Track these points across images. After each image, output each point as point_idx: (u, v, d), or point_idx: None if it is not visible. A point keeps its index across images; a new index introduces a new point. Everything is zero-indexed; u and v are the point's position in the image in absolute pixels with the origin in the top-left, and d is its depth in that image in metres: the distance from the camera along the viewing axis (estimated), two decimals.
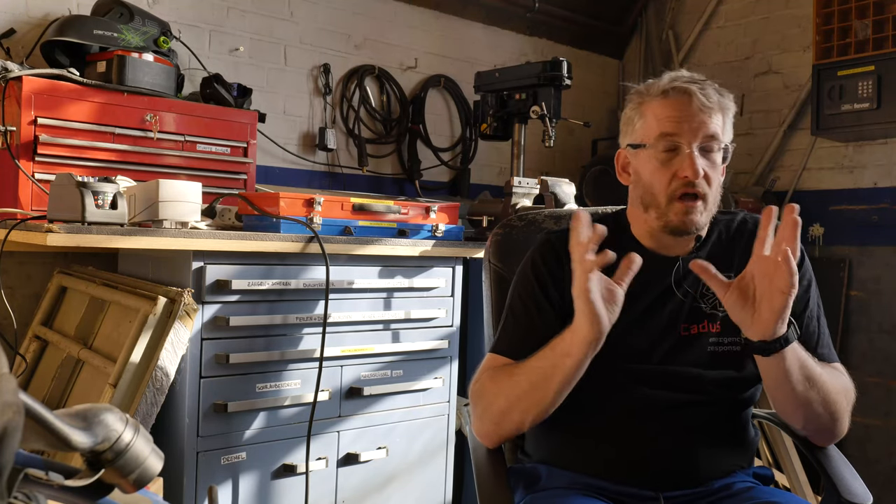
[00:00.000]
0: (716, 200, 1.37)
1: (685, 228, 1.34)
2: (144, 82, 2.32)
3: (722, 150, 1.36)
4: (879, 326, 3.25)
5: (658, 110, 1.35)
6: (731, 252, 1.43)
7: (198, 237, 1.88)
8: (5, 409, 0.53)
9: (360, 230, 2.18)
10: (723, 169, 1.40)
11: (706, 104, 1.32)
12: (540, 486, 1.39)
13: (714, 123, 1.33)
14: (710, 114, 1.33)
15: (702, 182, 1.32)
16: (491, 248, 1.64)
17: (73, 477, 0.65)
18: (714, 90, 1.35)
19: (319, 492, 2.11)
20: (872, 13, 3.03)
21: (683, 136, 1.32)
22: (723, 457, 1.39)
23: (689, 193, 1.33)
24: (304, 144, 3.07)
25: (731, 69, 3.78)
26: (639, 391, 1.36)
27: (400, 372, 2.28)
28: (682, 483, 1.35)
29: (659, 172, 1.34)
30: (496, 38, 3.67)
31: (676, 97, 1.33)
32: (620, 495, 1.35)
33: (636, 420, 1.36)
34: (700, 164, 1.31)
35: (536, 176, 2.65)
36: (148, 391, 1.81)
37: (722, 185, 1.40)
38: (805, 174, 3.50)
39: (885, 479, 3.15)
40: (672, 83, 1.35)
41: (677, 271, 1.40)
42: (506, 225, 1.66)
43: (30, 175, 2.11)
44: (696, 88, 1.33)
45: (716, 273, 1.24)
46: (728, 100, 1.37)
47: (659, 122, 1.34)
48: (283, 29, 3.00)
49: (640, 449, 1.35)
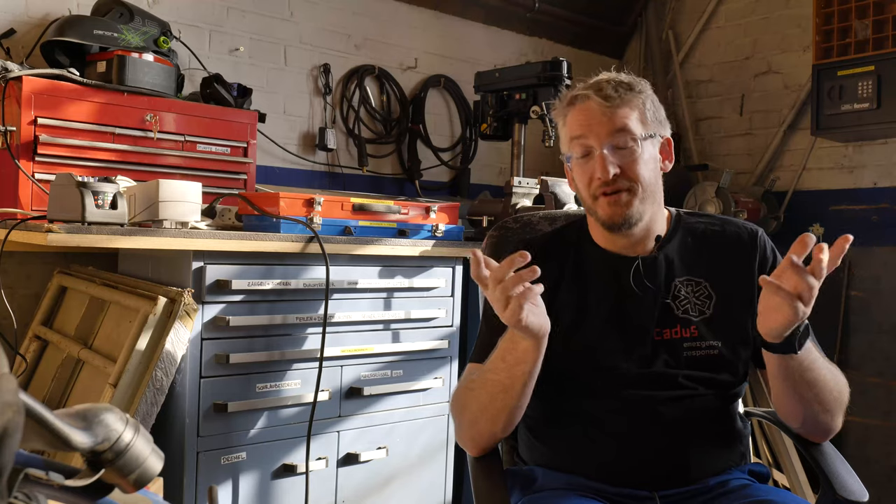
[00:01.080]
0: (651, 189, 1.38)
1: (615, 221, 1.36)
2: (144, 82, 2.32)
3: (642, 139, 1.36)
4: (879, 327, 3.25)
5: (569, 119, 1.40)
6: (697, 256, 1.44)
7: (198, 237, 1.88)
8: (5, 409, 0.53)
9: (360, 230, 2.18)
10: (663, 154, 1.42)
11: (606, 103, 1.35)
12: (536, 487, 1.40)
13: (619, 118, 1.35)
14: (614, 110, 1.35)
15: (620, 179, 1.34)
16: (486, 250, 1.64)
17: (73, 477, 0.65)
18: (614, 86, 1.36)
19: (319, 492, 2.11)
20: (872, 13, 3.03)
21: (591, 139, 1.36)
22: (713, 453, 1.39)
23: (608, 192, 1.35)
24: (304, 144, 3.07)
25: (731, 69, 3.78)
26: (622, 392, 1.37)
27: (400, 372, 2.28)
28: (675, 481, 1.35)
29: (582, 177, 1.39)
30: (496, 38, 3.67)
31: (581, 103, 1.38)
32: (617, 496, 1.35)
33: (623, 420, 1.36)
34: (612, 162, 1.34)
35: (536, 176, 2.65)
36: (148, 391, 1.81)
37: (663, 171, 1.42)
38: (805, 174, 3.49)
39: (884, 479, 3.15)
40: (575, 91, 1.40)
41: (636, 270, 1.41)
42: (501, 227, 1.66)
43: (30, 175, 2.11)
44: (592, 92, 1.37)
45: None
46: (635, 92, 1.38)
47: (570, 130, 1.40)
48: (283, 29, 3.00)
49: (630, 448, 1.36)
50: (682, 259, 1.44)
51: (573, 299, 1.42)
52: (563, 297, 1.42)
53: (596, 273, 1.44)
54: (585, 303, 1.42)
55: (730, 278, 1.43)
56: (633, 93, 1.38)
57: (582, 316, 1.41)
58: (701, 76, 3.89)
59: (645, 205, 1.37)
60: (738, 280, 1.43)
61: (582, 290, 1.43)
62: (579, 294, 1.43)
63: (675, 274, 1.42)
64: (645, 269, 1.40)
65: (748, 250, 1.44)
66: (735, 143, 3.73)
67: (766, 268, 1.43)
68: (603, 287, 1.42)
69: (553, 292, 1.39)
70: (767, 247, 1.46)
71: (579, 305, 1.42)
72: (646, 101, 1.39)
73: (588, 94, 1.37)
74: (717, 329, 1.39)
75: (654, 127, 1.39)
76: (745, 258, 1.44)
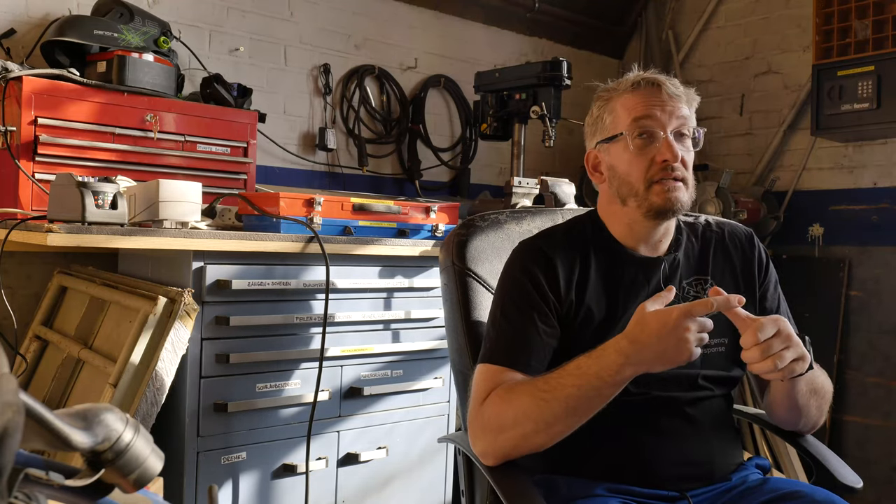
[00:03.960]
0: (693, 185, 1.38)
1: (669, 206, 1.33)
2: (144, 82, 2.32)
3: (693, 135, 1.38)
4: (879, 327, 3.25)
5: (629, 102, 1.37)
6: (704, 257, 1.46)
7: (198, 237, 1.88)
8: (5, 409, 0.53)
9: (360, 230, 2.18)
10: None
11: (675, 92, 1.36)
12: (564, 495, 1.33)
13: (683, 109, 1.37)
14: (680, 102, 1.37)
15: (680, 165, 1.34)
16: (454, 249, 1.57)
17: (73, 477, 0.65)
18: (676, 83, 1.39)
19: (319, 492, 2.11)
20: (872, 13, 3.03)
21: (657, 121, 1.34)
22: (729, 450, 1.43)
23: (668, 178, 1.34)
24: (304, 144, 3.07)
25: (731, 69, 3.78)
26: (651, 393, 1.36)
27: (400, 372, 2.28)
28: (704, 480, 1.36)
29: (636, 160, 1.35)
30: (496, 38, 3.67)
31: (646, 87, 1.37)
32: (649, 498, 1.33)
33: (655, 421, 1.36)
34: (677, 148, 1.34)
35: (536, 176, 2.65)
36: (148, 391, 1.81)
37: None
38: (805, 174, 3.49)
39: (884, 479, 3.15)
40: (640, 77, 1.39)
41: (664, 271, 1.41)
42: (468, 225, 1.60)
43: (30, 175, 2.11)
44: (664, 78, 1.38)
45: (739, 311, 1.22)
46: (693, 94, 1.41)
47: (631, 111, 1.36)
48: (283, 29, 3.00)
49: (661, 450, 1.35)
50: (689, 260, 1.45)
51: (603, 300, 1.39)
52: (592, 298, 1.38)
53: (624, 273, 1.41)
54: (615, 303, 1.39)
55: (733, 274, 1.46)
56: (692, 94, 1.40)
57: (613, 317, 1.38)
58: (701, 76, 3.88)
59: (689, 197, 1.37)
60: (740, 275, 1.46)
61: (611, 290, 1.39)
62: (608, 294, 1.39)
63: (685, 275, 1.43)
64: (670, 271, 1.42)
65: (748, 248, 1.49)
66: (735, 143, 3.73)
67: (763, 267, 1.48)
68: (633, 287, 1.40)
69: (581, 293, 1.37)
70: (761, 247, 1.51)
71: (609, 306, 1.39)
72: (695, 105, 1.41)
73: (658, 79, 1.37)
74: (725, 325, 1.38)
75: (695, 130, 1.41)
76: (746, 255, 1.48)
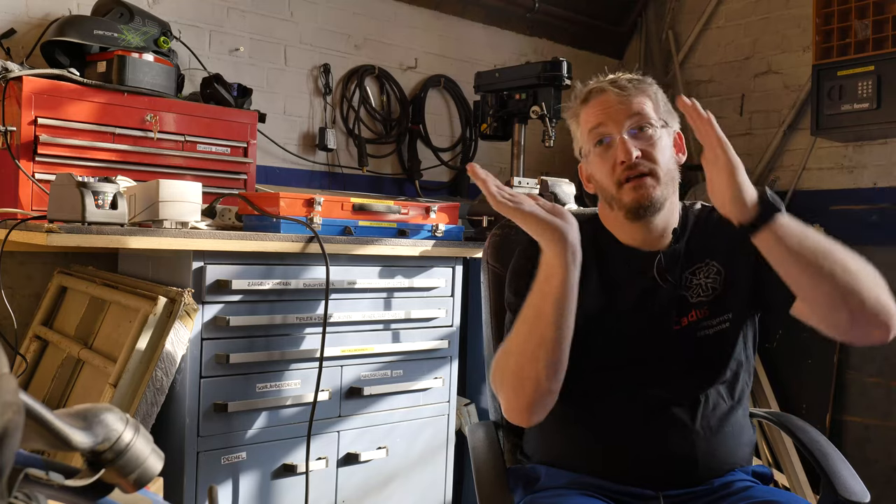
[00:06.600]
0: (670, 175, 1.40)
1: (641, 204, 1.36)
2: (144, 82, 2.32)
3: (658, 126, 1.39)
4: None
5: (584, 115, 1.44)
6: (703, 239, 1.45)
7: (198, 237, 1.88)
8: (5, 409, 0.53)
9: (360, 230, 2.18)
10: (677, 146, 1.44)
11: (622, 93, 1.40)
12: (539, 485, 1.40)
13: (636, 104, 1.39)
14: (630, 99, 1.39)
15: (642, 161, 1.36)
16: (489, 250, 1.65)
17: (73, 477, 0.65)
18: (627, 79, 1.42)
19: (319, 492, 2.11)
20: (872, 13, 3.03)
21: (609, 126, 1.39)
22: (721, 455, 1.39)
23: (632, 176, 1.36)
24: (304, 144, 3.07)
25: (731, 69, 3.78)
26: (636, 390, 1.37)
27: (400, 372, 2.28)
28: (682, 481, 1.35)
29: (603, 166, 1.41)
30: (496, 38, 3.67)
31: (595, 97, 1.42)
32: (620, 494, 1.35)
33: (635, 419, 1.37)
34: (633, 145, 1.36)
35: (536, 176, 2.65)
36: (148, 391, 1.81)
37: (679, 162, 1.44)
38: (805, 174, 3.50)
39: (884, 479, 3.15)
40: (588, 89, 1.44)
41: (659, 263, 1.41)
42: (504, 226, 1.67)
43: (30, 175, 2.11)
44: (607, 84, 1.42)
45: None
46: (647, 83, 1.44)
47: (586, 123, 1.43)
48: (283, 29, 3.00)
49: (639, 447, 1.36)
50: (692, 247, 1.45)
51: (600, 293, 1.42)
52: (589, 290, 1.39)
53: (619, 269, 1.43)
54: (611, 297, 1.42)
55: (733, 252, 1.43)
56: (645, 84, 1.43)
57: (607, 310, 1.41)
58: (701, 76, 3.89)
59: (667, 190, 1.39)
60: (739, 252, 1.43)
61: (606, 286, 1.42)
62: (605, 289, 1.42)
63: (688, 264, 1.43)
64: (667, 264, 1.42)
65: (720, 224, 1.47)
66: (735, 143, 3.67)
67: None
68: (626, 283, 1.42)
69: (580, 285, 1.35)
70: None
71: (605, 300, 1.41)
72: (657, 93, 1.44)
73: (603, 86, 1.42)
74: (728, 301, 1.40)
75: (666, 116, 1.42)
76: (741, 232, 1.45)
